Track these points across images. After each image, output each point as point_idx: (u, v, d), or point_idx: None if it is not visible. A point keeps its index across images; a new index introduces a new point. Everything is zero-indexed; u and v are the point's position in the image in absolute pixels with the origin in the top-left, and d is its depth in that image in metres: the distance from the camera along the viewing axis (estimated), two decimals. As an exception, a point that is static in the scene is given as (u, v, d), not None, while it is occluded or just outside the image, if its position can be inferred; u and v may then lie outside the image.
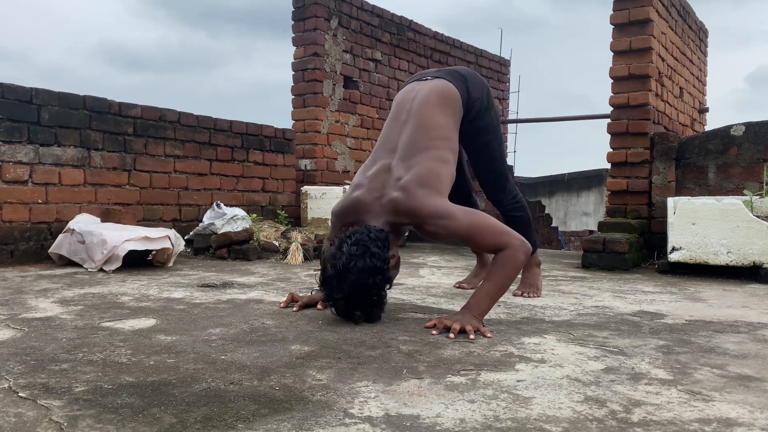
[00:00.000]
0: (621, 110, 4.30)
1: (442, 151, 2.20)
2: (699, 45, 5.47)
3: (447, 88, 2.36)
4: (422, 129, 2.23)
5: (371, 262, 1.93)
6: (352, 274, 1.92)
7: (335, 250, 1.98)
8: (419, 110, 2.28)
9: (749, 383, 1.47)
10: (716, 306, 2.59)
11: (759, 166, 3.99)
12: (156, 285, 2.84)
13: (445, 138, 2.25)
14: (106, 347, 1.68)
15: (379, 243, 1.97)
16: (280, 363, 1.55)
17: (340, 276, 1.93)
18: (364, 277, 1.93)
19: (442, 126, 2.27)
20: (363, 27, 6.03)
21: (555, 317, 2.25)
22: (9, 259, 3.53)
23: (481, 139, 2.53)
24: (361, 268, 1.92)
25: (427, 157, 2.15)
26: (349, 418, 1.18)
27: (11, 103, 3.56)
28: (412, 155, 2.16)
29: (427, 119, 2.25)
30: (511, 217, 2.73)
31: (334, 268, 1.94)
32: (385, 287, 2.02)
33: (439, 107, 2.30)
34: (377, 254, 1.94)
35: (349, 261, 1.92)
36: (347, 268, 1.92)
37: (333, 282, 1.96)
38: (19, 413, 1.18)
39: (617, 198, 4.38)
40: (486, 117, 2.48)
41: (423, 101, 2.30)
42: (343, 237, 2.01)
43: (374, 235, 1.99)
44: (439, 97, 2.32)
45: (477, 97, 2.43)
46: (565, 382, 1.44)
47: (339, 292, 1.96)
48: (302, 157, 5.70)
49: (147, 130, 4.28)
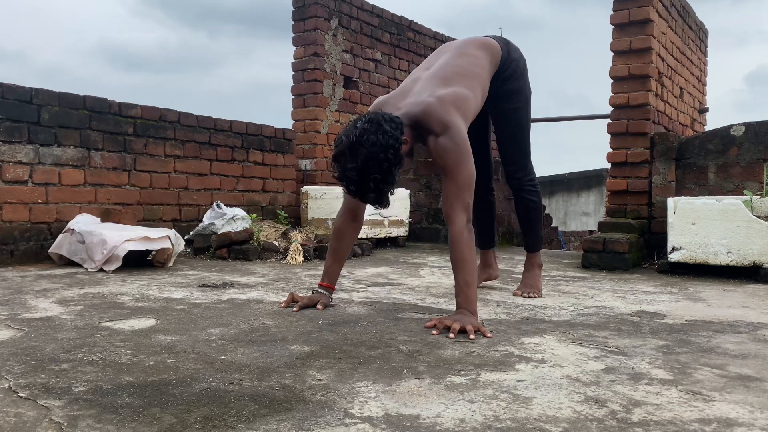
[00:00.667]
0: (621, 110, 4.30)
1: (474, 82, 2.29)
2: (699, 45, 5.47)
3: (487, 39, 2.51)
4: (460, 56, 2.35)
5: (383, 138, 1.96)
6: (364, 147, 1.95)
7: (350, 125, 2.03)
8: (459, 46, 2.44)
9: (749, 383, 1.47)
10: (716, 306, 2.59)
11: (759, 166, 3.99)
12: (156, 285, 2.84)
13: (480, 71, 2.36)
14: (106, 347, 1.68)
15: (392, 124, 2.02)
16: (280, 363, 1.55)
17: (353, 148, 1.97)
18: (376, 152, 1.95)
19: (479, 59, 2.38)
20: (363, 27, 6.03)
21: (555, 317, 2.25)
22: (9, 259, 3.53)
23: (511, 104, 2.58)
24: (373, 142, 1.95)
25: (463, 83, 2.23)
26: (349, 418, 1.18)
27: (11, 103, 3.56)
28: (449, 77, 2.24)
29: (465, 51, 2.38)
30: (525, 200, 2.73)
31: (348, 137, 1.98)
32: (397, 165, 2.02)
33: (479, 48, 2.43)
34: (389, 132, 1.98)
35: (362, 134, 1.96)
36: (360, 141, 1.96)
37: (345, 154, 1.99)
38: (19, 413, 1.18)
39: (617, 198, 4.38)
40: (520, 81, 2.57)
41: (463, 41, 2.48)
42: (358, 117, 2.07)
43: (388, 117, 2.03)
44: (480, 42, 2.47)
45: (515, 58, 2.54)
46: (565, 382, 1.44)
47: (352, 161, 1.98)
48: (302, 157, 5.70)
49: (147, 130, 4.28)
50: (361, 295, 2.63)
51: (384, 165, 1.98)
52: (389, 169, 2.00)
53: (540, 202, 2.78)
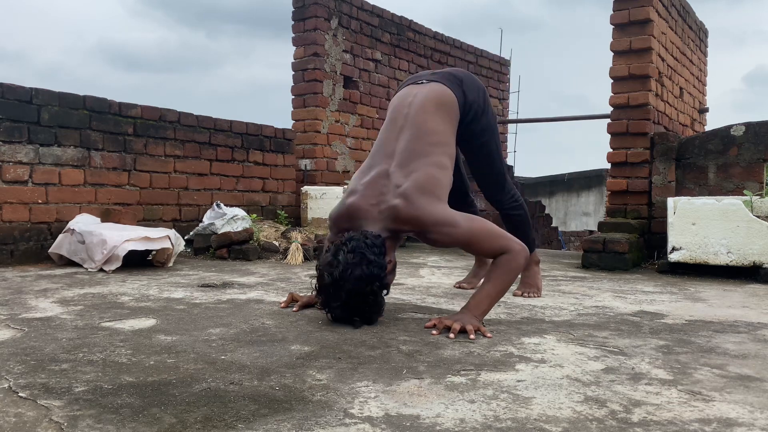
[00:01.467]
0: (621, 110, 4.30)
1: (440, 157, 2.19)
2: (699, 45, 5.47)
3: (443, 92, 2.34)
4: (419, 135, 2.21)
5: (368, 269, 1.90)
6: (348, 283, 1.90)
7: (331, 258, 1.95)
8: (416, 116, 2.26)
9: (749, 383, 1.47)
10: (716, 306, 2.59)
11: (759, 166, 3.99)
12: (156, 285, 2.84)
13: (443, 143, 2.24)
14: (106, 347, 1.68)
15: (375, 249, 1.95)
16: (280, 363, 1.55)
17: (337, 285, 1.91)
18: (361, 285, 1.91)
19: (439, 131, 2.25)
20: (363, 27, 6.03)
21: (555, 317, 2.25)
22: (9, 259, 3.53)
23: (479, 141, 2.52)
24: (357, 277, 1.90)
25: (426, 163, 2.14)
26: (349, 418, 1.18)
27: (11, 103, 3.56)
28: (410, 161, 2.14)
29: (423, 125, 2.24)
30: (510, 215, 2.73)
31: (331, 276, 1.92)
32: (382, 293, 2.01)
33: (436, 112, 2.28)
34: (374, 261, 1.92)
35: (345, 270, 1.90)
36: (344, 277, 1.90)
37: (329, 291, 1.95)
38: (19, 413, 1.18)
39: (617, 198, 4.38)
40: (483, 119, 2.47)
41: (419, 107, 2.28)
42: (338, 244, 1.98)
43: (371, 242, 1.96)
44: (436, 102, 2.31)
45: (473, 99, 2.41)
46: (565, 382, 1.44)
47: (336, 300, 1.94)
48: (302, 157, 5.70)
49: (147, 130, 4.28)
50: (361, 295, 2.63)
51: (370, 298, 1.95)
52: (375, 299, 1.97)
53: (525, 211, 2.75)
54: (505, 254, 2.04)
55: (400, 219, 2.05)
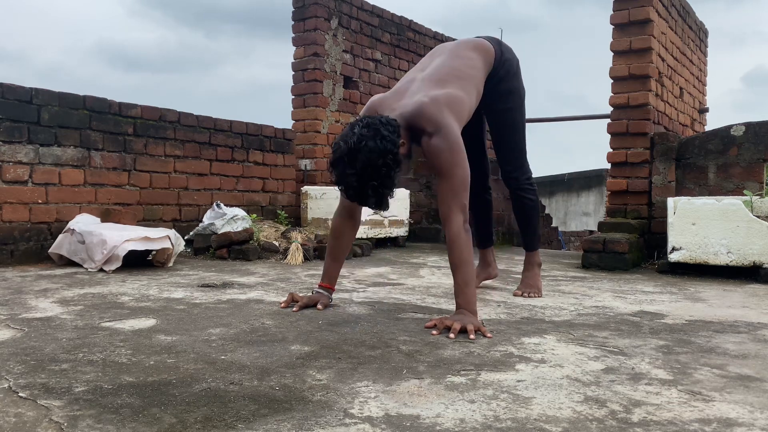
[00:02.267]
0: (621, 110, 4.30)
1: (469, 84, 2.31)
2: (699, 45, 5.47)
3: (480, 41, 2.53)
4: (454, 57, 2.37)
5: (381, 143, 1.96)
6: (362, 154, 1.95)
7: (347, 131, 2.02)
8: (453, 47, 2.45)
9: (749, 383, 1.47)
10: (716, 306, 2.59)
11: (759, 166, 3.99)
12: (156, 285, 2.84)
13: (474, 72, 2.38)
14: (106, 347, 1.68)
15: (389, 127, 2.01)
16: (280, 363, 1.55)
17: (351, 154, 1.96)
18: (374, 157, 1.95)
19: (473, 60, 2.40)
20: (363, 27, 6.03)
21: (555, 317, 2.25)
22: (9, 259, 3.53)
23: (505, 105, 2.60)
24: (371, 148, 1.95)
25: (457, 85, 2.25)
26: (349, 418, 1.18)
27: (11, 103, 3.56)
28: (443, 79, 2.24)
29: (460, 53, 2.40)
30: (523, 199, 2.74)
31: (346, 144, 1.97)
32: (395, 169, 2.03)
33: (473, 50, 2.44)
34: (387, 137, 1.98)
35: (359, 141, 1.96)
36: (358, 147, 1.95)
37: (344, 160, 1.98)
38: (19, 413, 1.18)
39: (617, 198, 4.38)
40: (514, 81, 2.58)
41: (457, 44, 2.50)
42: (354, 120, 2.06)
43: (385, 120, 2.03)
44: (474, 43, 2.49)
45: (508, 58, 2.55)
46: (565, 382, 1.44)
47: (351, 167, 1.97)
48: (302, 157, 5.70)
49: (147, 130, 4.28)
50: (361, 295, 2.63)
51: (383, 170, 1.98)
52: (388, 173, 2.00)
53: (537, 200, 2.79)
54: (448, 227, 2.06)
55: (421, 114, 2.10)
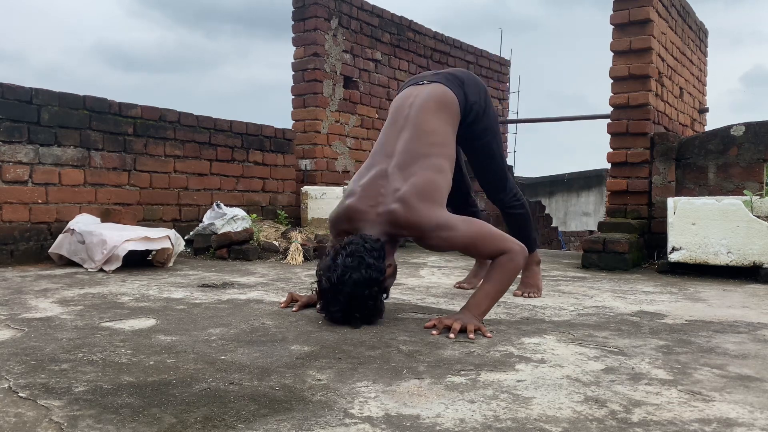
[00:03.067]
0: (621, 110, 4.30)
1: (439, 160, 2.17)
2: (699, 45, 5.47)
3: (444, 93, 2.33)
4: (419, 135, 2.20)
5: (367, 273, 1.90)
6: (347, 287, 1.90)
7: (330, 262, 1.95)
8: (416, 116, 2.25)
9: (749, 383, 1.47)
10: (716, 306, 2.59)
11: (759, 166, 3.99)
12: (156, 285, 2.84)
13: (443, 144, 2.23)
14: (106, 347, 1.68)
15: (374, 253, 1.94)
16: (280, 363, 1.55)
17: (336, 289, 1.91)
18: (360, 289, 1.90)
19: (439, 132, 2.24)
20: (363, 27, 6.03)
21: (555, 317, 2.25)
22: (9, 259, 3.53)
23: (480, 141, 2.52)
24: (356, 281, 1.89)
25: (425, 166, 2.12)
26: (349, 418, 1.18)
27: (11, 103, 3.56)
28: (410, 164, 2.13)
29: (424, 125, 2.23)
30: (512, 214, 2.73)
31: (329, 281, 1.92)
32: (381, 297, 2.01)
33: (437, 113, 2.27)
34: (373, 265, 1.91)
35: (344, 273, 1.89)
36: (342, 280, 1.89)
37: (329, 295, 1.95)
38: (19, 413, 1.18)
39: (617, 198, 4.38)
40: (484, 120, 2.47)
41: (420, 107, 2.27)
42: (338, 247, 1.98)
43: (370, 246, 1.95)
44: (437, 102, 2.30)
45: (474, 100, 2.41)
46: (565, 382, 1.44)
47: (335, 305, 1.94)
48: (302, 157, 5.70)
49: (147, 130, 4.28)
50: (361, 295, 2.63)
51: (369, 302, 1.94)
52: (374, 302, 1.97)
53: (527, 210, 2.75)
54: (504, 254, 2.04)
55: (398, 224, 2.04)
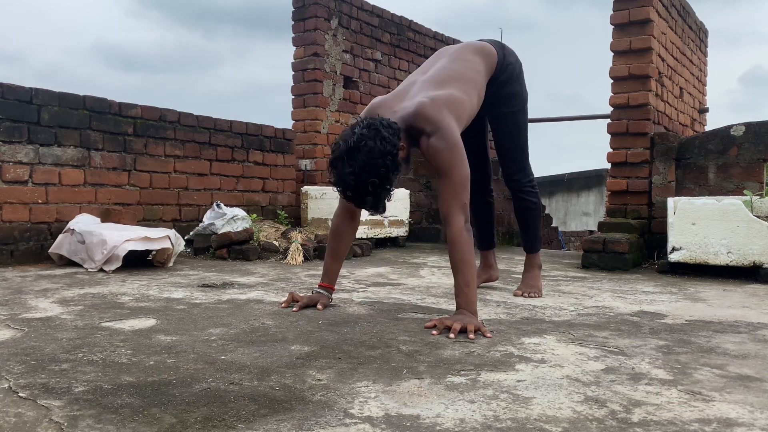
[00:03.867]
0: (621, 110, 4.30)
1: (470, 86, 2.31)
2: (699, 45, 5.48)
3: (483, 44, 2.52)
4: (456, 60, 2.37)
5: (381, 144, 1.96)
6: (362, 154, 1.94)
7: (347, 131, 2.02)
8: (455, 50, 2.45)
9: (749, 383, 1.47)
10: (716, 306, 2.59)
11: (759, 166, 3.99)
12: (156, 285, 2.84)
13: (476, 75, 2.37)
14: (106, 347, 1.68)
15: (390, 129, 2.01)
16: (280, 363, 1.55)
17: (350, 153, 1.96)
18: (374, 158, 1.95)
19: (475, 64, 2.40)
20: (363, 27, 6.03)
21: (555, 317, 2.25)
22: (9, 259, 3.53)
23: (508, 107, 2.59)
24: (371, 148, 1.94)
25: (458, 87, 2.25)
26: (349, 418, 1.18)
27: (11, 103, 3.56)
28: (444, 81, 2.25)
29: (462, 56, 2.40)
30: (524, 200, 2.73)
31: (346, 144, 1.97)
32: (394, 171, 2.02)
33: (475, 54, 2.44)
34: (387, 138, 1.98)
35: (359, 140, 1.95)
36: (357, 147, 1.95)
37: (343, 159, 1.98)
38: (19, 413, 1.18)
39: (617, 198, 4.38)
40: (516, 84, 2.58)
41: (460, 46, 2.49)
42: (355, 122, 2.06)
43: (386, 122, 2.03)
44: (476, 47, 2.48)
45: (511, 62, 2.55)
46: (565, 382, 1.44)
47: (349, 167, 1.97)
48: (302, 157, 5.70)
49: (147, 130, 4.28)
50: (361, 295, 2.63)
51: (381, 171, 1.97)
52: (386, 175, 1.99)
53: (539, 203, 2.79)
54: (449, 228, 2.06)
55: (420, 114, 2.10)
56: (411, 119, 2.11)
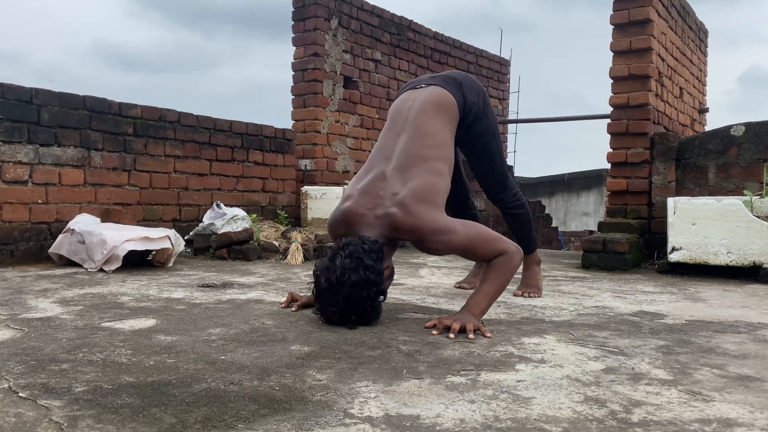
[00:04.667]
0: (621, 110, 4.30)
1: (437, 163, 2.17)
2: (699, 45, 5.48)
3: (442, 95, 2.33)
4: (418, 137, 2.20)
5: (365, 275, 1.89)
6: (345, 288, 1.89)
7: (328, 263, 1.94)
8: (415, 119, 2.25)
9: (749, 383, 1.47)
10: (716, 306, 2.59)
11: (759, 166, 3.99)
12: (156, 285, 2.84)
13: (441, 147, 2.23)
14: (106, 347, 1.68)
15: (373, 255, 1.93)
16: (280, 363, 1.55)
17: (334, 290, 1.91)
18: (358, 291, 1.90)
19: (438, 134, 2.24)
20: (363, 27, 6.03)
21: (555, 317, 2.25)
22: (9, 259, 3.53)
23: (480, 143, 2.52)
24: (354, 282, 1.88)
25: (423, 169, 2.12)
26: (349, 418, 1.18)
27: (11, 103, 3.56)
28: (409, 167, 2.12)
29: (422, 127, 2.22)
30: (512, 214, 2.73)
31: (328, 281, 1.91)
32: (379, 299, 2.00)
33: (435, 115, 2.27)
34: (371, 267, 1.91)
35: (342, 274, 1.89)
36: (341, 281, 1.89)
37: (326, 295, 1.94)
38: (19, 413, 1.18)
39: (617, 198, 4.38)
40: (483, 121, 2.46)
41: (418, 110, 2.27)
42: (336, 248, 1.97)
43: (368, 247, 1.94)
44: (435, 105, 2.30)
45: (473, 102, 2.41)
46: (565, 383, 1.44)
47: (333, 305, 1.93)
48: (302, 157, 5.70)
49: (147, 130, 4.28)
50: (361, 295, 2.63)
51: (366, 303, 1.94)
52: (372, 303, 1.96)
53: (527, 209, 2.76)
54: (502, 255, 2.04)
55: (397, 227, 2.04)
56: (391, 233, 2.06)
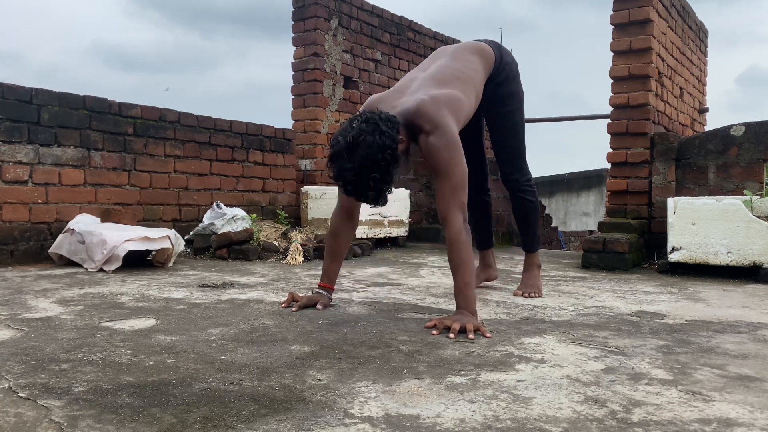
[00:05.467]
0: (621, 110, 4.30)
1: (469, 86, 2.32)
2: (699, 45, 5.48)
3: (481, 44, 2.54)
4: (455, 60, 2.39)
5: (380, 138, 1.96)
6: (361, 149, 1.95)
7: (346, 126, 2.02)
8: (454, 50, 2.47)
9: (749, 383, 1.47)
10: (716, 306, 2.59)
11: (759, 166, 3.99)
12: (156, 285, 2.84)
13: (474, 75, 2.40)
14: (106, 347, 1.68)
15: (388, 123, 2.01)
16: (280, 363, 1.55)
17: (350, 148, 1.96)
18: (373, 153, 1.95)
19: (474, 63, 2.41)
20: (363, 27, 6.03)
21: (555, 317, 2.25)
22: (9, 259, 3.52)
23: (505, 108, 2.61)
24: (370, 143, 1.94)
25: (457, 86, 2.25)
26: (349, 418, 1.18)
27: (11, 103, 3.56)
28: (444, 80, 2.26)
29: (461, 56, 2.42)
30: (522, 199, 2.74)
31: (345, 140, 1.97)
32: (394, 164, 2.02)
33: (473, 53, 2.46)
34: (386, 132, 1.98)
35: (358, 135, 1.96)
36: (356, 142, 1.95)
37: (342, 155, 1.98)
38: (19, 413, 1.18)
39: (617, 198, 4.38)
40: (513, 84, 2.60)
41: (458, 46, 2.51)
42: (354, 116, 2.07)
43: (385, 116, 2.03)
44: (475, 47, 2.51)
45: (508, 62, 2.57)
46: (565, 382, 1.44)
47: (348, 163, 1.97)
48: (302, 157, 5.70)
49: (147, 130, 4.28)
50: (361, 295, 2.63)
51: (381, 165, 1.97)
52: (387, 168, 1.99)
53: (537, 202, 2.80)
54: (447, 229, 2.06)
55: (418, 112, 2.10)
56: (410, 116, 2.11)
